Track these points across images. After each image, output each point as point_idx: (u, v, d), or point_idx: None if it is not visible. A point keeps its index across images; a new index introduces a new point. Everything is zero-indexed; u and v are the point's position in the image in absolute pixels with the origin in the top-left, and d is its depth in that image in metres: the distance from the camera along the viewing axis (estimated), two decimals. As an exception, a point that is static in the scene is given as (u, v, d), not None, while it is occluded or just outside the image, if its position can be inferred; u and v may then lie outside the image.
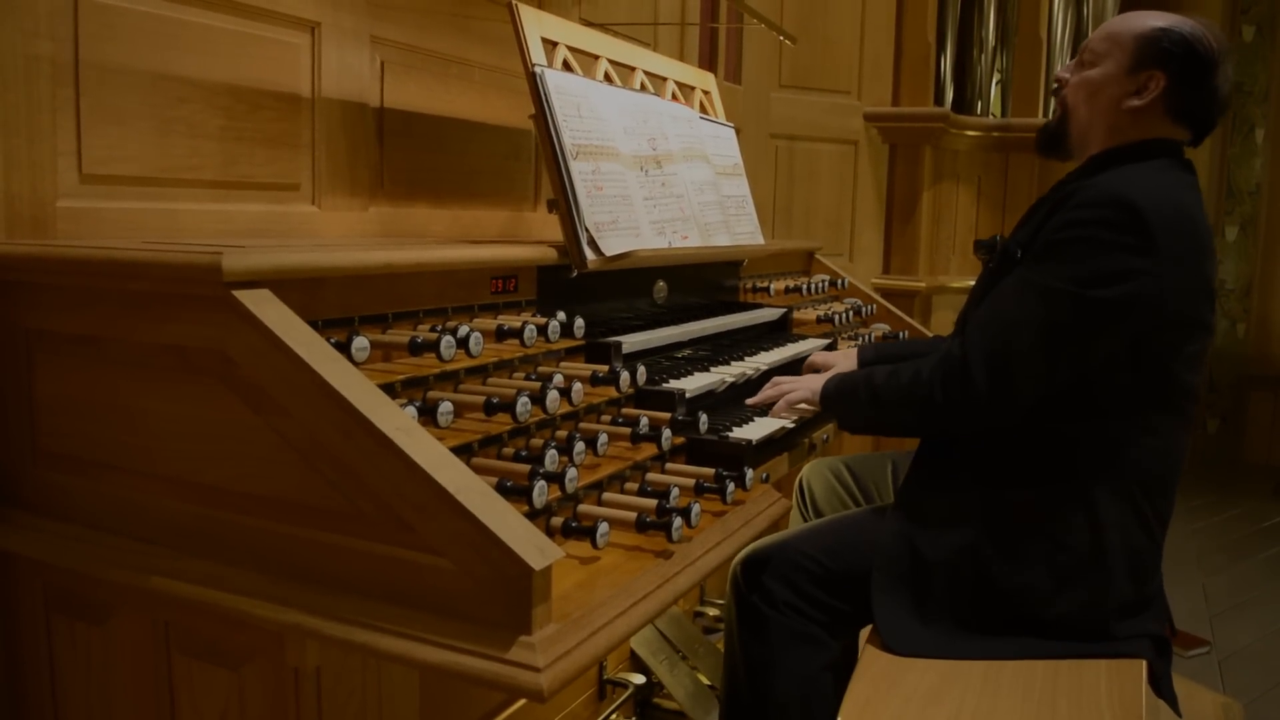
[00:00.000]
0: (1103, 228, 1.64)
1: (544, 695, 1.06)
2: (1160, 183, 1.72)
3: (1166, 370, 1.72)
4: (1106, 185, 1.70)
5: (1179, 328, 1.70)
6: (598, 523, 1.32)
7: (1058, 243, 1.69)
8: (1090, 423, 1.72)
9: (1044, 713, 1.51)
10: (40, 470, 1.50)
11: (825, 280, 2.97)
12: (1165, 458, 1.77)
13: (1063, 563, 1.71)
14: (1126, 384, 1.71)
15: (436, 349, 1.40)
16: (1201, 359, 1.77)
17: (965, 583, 1.73)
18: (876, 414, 1.88)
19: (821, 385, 1.96)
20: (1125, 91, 1.81)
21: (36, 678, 1.58)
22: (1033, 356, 1.69)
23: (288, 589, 1.24)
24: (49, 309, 1.44)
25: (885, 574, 1.76)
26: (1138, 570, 1.74)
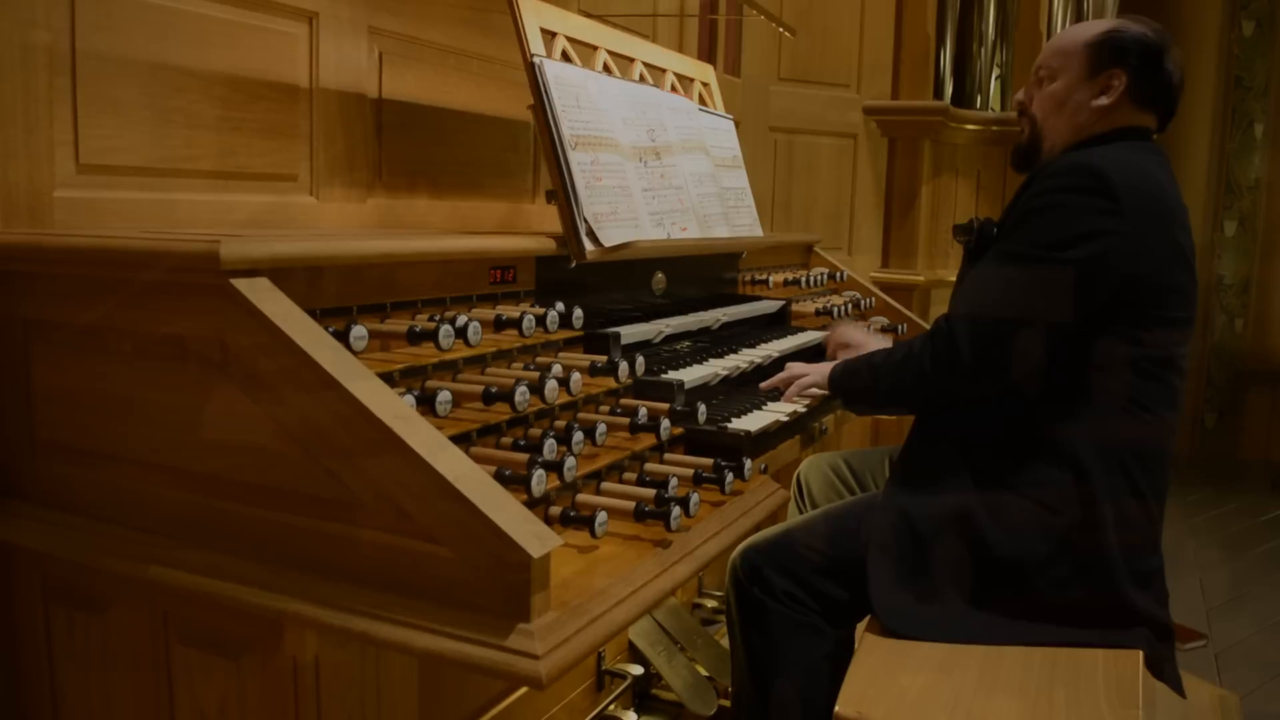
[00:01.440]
0: (1070, 193, 1.72)
1: (542, 683, 1.06)
2: (1127, 156, 1.78)
3: (1150, 338, 1.75)
4: (1073, 158, 1.78)
5: (1152, 290, 1.74)
6: (596, 512, 1.32)
7: (1029, 211, 1.77)
8: (1077, 392, 1.75)
9: (1041, 702, 1.51)
10: (38, 461, 1.50)
11: (824, 273, 2.97)
12: (1155, 429, 1.79)
13: (1056, 532, 1.73)
14: (1111, 353, 1.74)
15: (435, 338, 1.40)
16: (1184, 330, 1.81)
17: (960, 554, 1.75)
18: (876, 391, 1.94)
19: (829, 369, 2.02)
20: (1091, 95, 1.89)
21: (35, 668, 1.58)
22: (1011, 324, 1.73)
23: (286, 578, 1.24)
24: (46, 299, 1.44)
25: (880, 549, 1.78)
26: (1134, 542, 1.75)
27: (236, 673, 1.36)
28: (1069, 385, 1.75)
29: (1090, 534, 1.73)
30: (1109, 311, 1.72)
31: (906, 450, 1.94)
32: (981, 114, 4.47)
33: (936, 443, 1.88)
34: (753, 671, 1.84)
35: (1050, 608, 1.72)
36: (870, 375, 1.93)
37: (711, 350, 2.13)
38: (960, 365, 1.76)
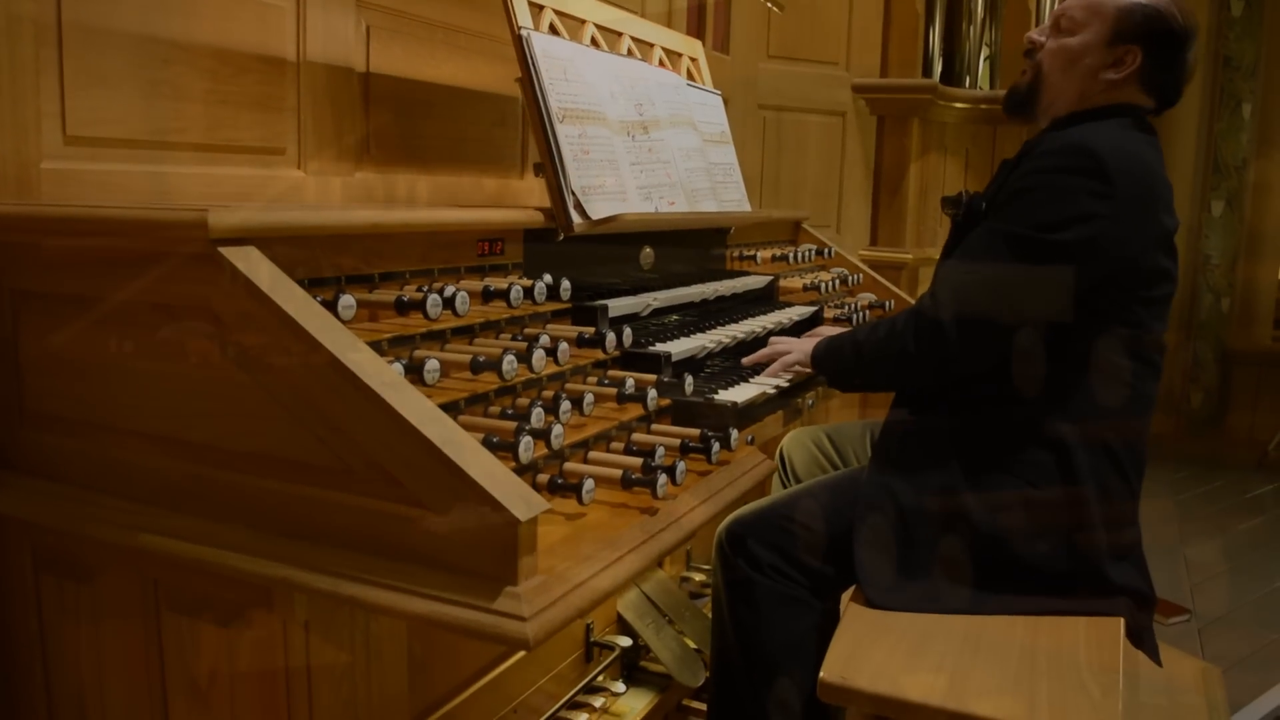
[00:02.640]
0: (1063, 174, 1.70)
1: (529, 644, 1.08)
2: (1120, 136, 1.78)
3: (1132, 316, 1.77)
4: (1067, 137, 1.77)
5: (1138, 273, 1.75)
6: (583, 479, 1.33)
7: (1020, 190, 1.75)
8: (1060, 368, 1.75)
9: (1024, 667, 1.53)
10: (27, 431, 1.50)
11: (812, 250, 2.98)
12: (1135, 404, 1.80)
13: (1038, 507, 1.75)
14: (1094, 330, 1.75)
15: (423, 308, 1.40)
16: (1165, 307, 1.82)
17: (943, 529, 1.76)
18: (860, 370, 1.93)
19: (811, 346, 2.01)
20: (1103, 63, 1.86)
21: (25, 637, 1.59)
22: (999, 303, 1.73)
23: (276, 544, 1.25)
24: (34, 269, 1.44)
25: (865, 525, 1.79)
26: (1114, 516, 1.77)
27: (227, 639, 1.37)
28: (1053, 363, 1.76)
29: (1072, 508, 1.75)
30: (1096, 293, 1.72)
31: (889, 426, 1.94)
32: (970, 92, 4.47)
33: (920, 419, 1.89)
34: (739, 643, 1.85)
35: (1033, 580, 1.74)
36: (853, 352, 1.92)
37: (699, 324, 2.14)
38: (945, 346, 1.76)
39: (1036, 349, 1.75)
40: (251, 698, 1.38)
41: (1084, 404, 1.76)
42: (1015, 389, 1.77)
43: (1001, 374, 1.77)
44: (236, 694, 1.39)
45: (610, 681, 2.36)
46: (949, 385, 1.85)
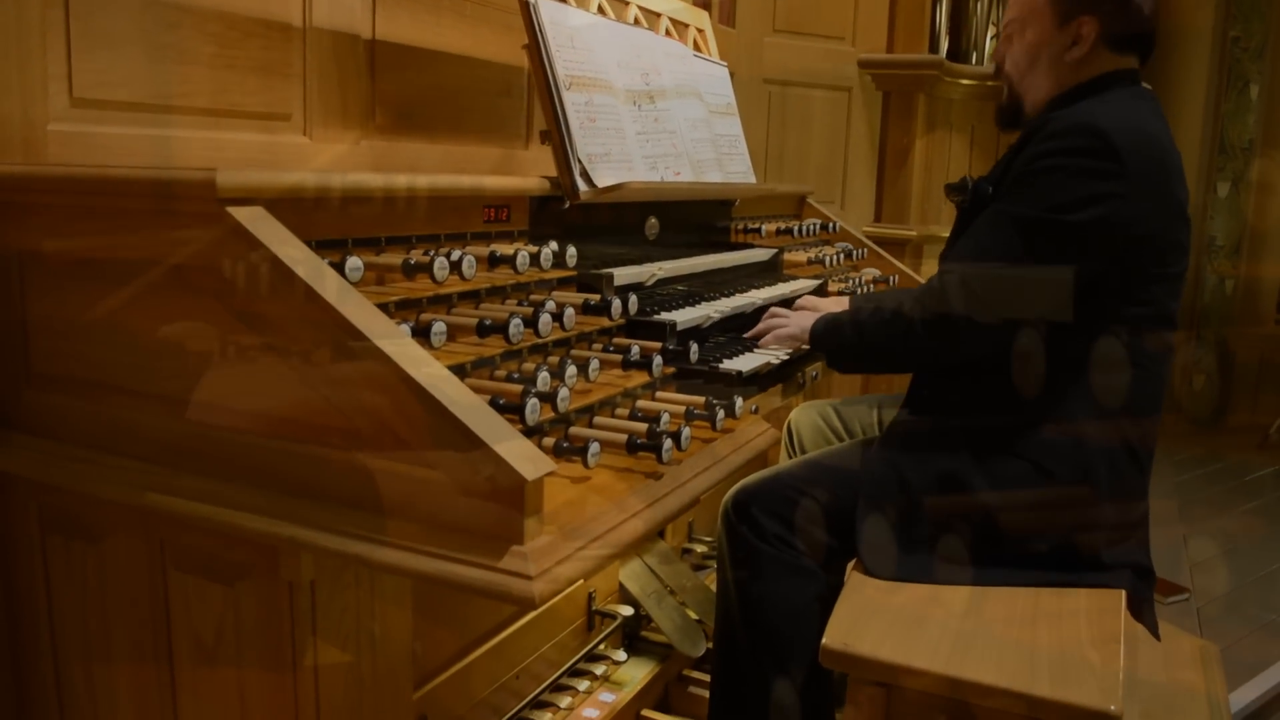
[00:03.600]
0: (1071, 155, 1.68)
1: (535, 602, 1.08)
2: (1124, 110, 1.75)
3: (1146, 294, 1.75)
4: (1072, 116, 1.74)
5: (1154, 250, 1.73)
6: (589, 443, 1.33)
7: (1029, 174, 1.73)
8: (1073, 349, 1.74)
9: (1025, 636, 1.54)
10: (34, 392, 1.51)
11: (816, 224, 2.97)
12: (1148, 384, 1.79)
13: (1048, 489, 1.74)
14: (1109, 311, 1.74)
15: (430, 271, 1.40)
16: (1180, 283, 1.80)
17: (951, 509, 1.76)
18: (861, 349, 1.90)
19: (811, 323, 1.98)
20: (1062, 46, 1.85)
21: (32, 598, 1.60)
22: (1010, 286, 1.72)
23: (283, 503, 1.26)
24: (41, 230, 1.45)
25: (871, 501, 1.79)
26: (1123, 496, 1.77)
27: (233, 598, 1.38)
28: (1066, 343, 1.74)
29: (1081, 487, 1.74)
30: (1109, 272, 1.71)
31: (903, 408, 1.94)
32: (976, 69, 4.45)
33: (932, 399, 1.89)
34: (742, 612, 1.86)
35: (1037, 554, 1.74)
36: (855, 332, 1.89)
37: (703, 294, 2.14)
38: (952, 329, 1.75)
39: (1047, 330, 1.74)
40: (257, 657, 1.39)
41: (1095, 383, 1.75)
42: (1026, 368, 1.76)
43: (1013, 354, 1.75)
44: (242, 653, 1.40)
45: (612, 650, 2.37)
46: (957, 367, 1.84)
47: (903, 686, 1.47)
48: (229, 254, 1.25)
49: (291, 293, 1.21)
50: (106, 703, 1.56)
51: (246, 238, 1.23)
